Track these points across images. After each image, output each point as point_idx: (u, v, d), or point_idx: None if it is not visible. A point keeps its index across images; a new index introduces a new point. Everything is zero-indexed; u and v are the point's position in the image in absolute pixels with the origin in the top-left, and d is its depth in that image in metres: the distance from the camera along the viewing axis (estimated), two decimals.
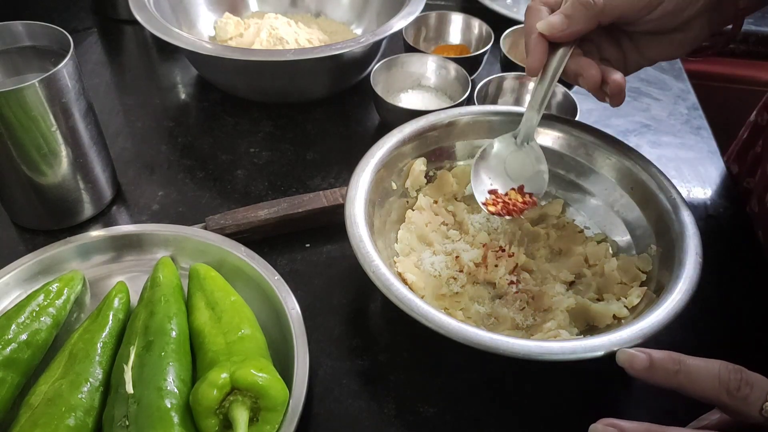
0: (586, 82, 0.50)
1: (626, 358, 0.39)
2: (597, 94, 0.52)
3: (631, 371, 0.39)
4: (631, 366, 0.39)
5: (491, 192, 0.55)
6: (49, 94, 0.51)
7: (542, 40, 0.50)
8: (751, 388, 0.36)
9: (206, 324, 0.47)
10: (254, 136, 0.72)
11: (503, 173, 0.56)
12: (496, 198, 0.55)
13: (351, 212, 0.49)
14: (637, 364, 0.39)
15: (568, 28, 0.48)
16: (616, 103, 0.51)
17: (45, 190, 0.56)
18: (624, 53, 0.53)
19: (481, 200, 0.55)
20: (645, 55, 0.53)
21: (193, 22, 0.83)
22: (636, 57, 0.53)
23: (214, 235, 0.55)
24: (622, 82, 0.50)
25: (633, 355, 0.39)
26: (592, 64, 0.50)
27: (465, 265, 0.54)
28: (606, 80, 0.50)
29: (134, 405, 0.41)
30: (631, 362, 0.39)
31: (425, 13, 0.80)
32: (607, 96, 0.51)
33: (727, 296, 0.57)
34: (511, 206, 0.54)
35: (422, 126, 0.58)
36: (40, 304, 0.48)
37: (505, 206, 0.55)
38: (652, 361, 0.38)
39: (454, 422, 0.47)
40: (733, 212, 0.66)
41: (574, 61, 0.51)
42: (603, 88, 0.51)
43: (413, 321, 0.43)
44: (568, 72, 0.51)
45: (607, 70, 0.50)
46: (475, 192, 0.55)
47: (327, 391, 0.49)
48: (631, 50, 0.53)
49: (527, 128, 0.55)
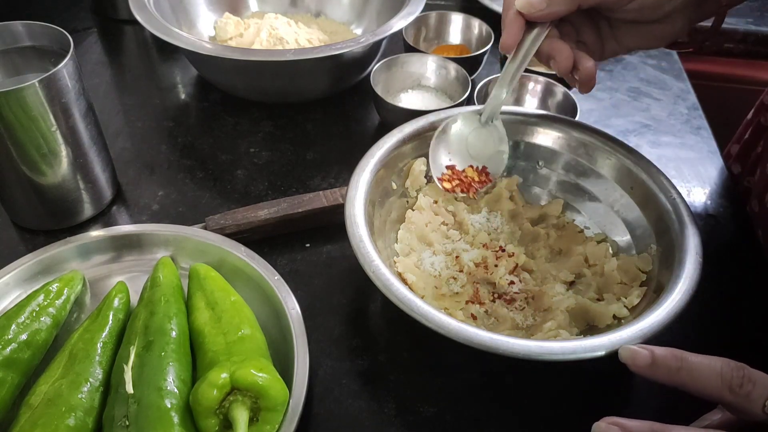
0: (558, 65, 0.50)
1: (629, 354, 0.39)
2: (567, 79, 0.52)
3: (634, 368, 0.39)
4: (634, 362, 0.39)
5: (449, 167, 0.56)
6: (49, 94, 0.51)
7: (519, 18, 0.49)
8: (753, 385, 0.36)
9: (206, 324, 0.47)
10: (254, 136, 0.72)
11: (464, 150, 0.56)
12: (452, 174, 0.55)
13: (351, 212, 0.49)
14: (640, 360, 0.39)
15: (547, 8, 0.48)
16: (584, 90, 0.51)
17: (45, 190, 0.56)
18: (602, 39, 0.53)
19: (437, 175, 0.55)
20: (623, 43, 0.52)
21: (193, 22, 0.83)
22: (613, 44, 0.53)
23: (214, 235, 0.55)
24: (593, 70, 0.50)
25: (635, 351, 0.39)
26: (566, 48, 0.50)
27: (465, 265, 0.54)
28: (577, 66, 0.50)
29: (134, 405, 0.41)
30: (633, 359, 0.39)
31: (425, 13, 0.80)
32: (576, 82, 0.51)
33: (727, 296, 0.57)
34: (467, 183, 0.55)
35: (422, 126, 0.58)
36: (40, 304, 0.48)
37: (461, 184, 0.55)
38: (655, 358, 0.38)
39: (454, 422, 0.47)
40: (733, 212, 0.66)
41: (548, 42, 0.50)
42: (573, 74, 0.51)
43: (413, 321, 0.43)
44: (541, 53, 0.51)
45: (580, 57, 0.50)
46: (432, 166, 0.55)
47: (327, 391, 0.49)
48: (609, 37, 0.53)
49: (493, 105, 0.55)
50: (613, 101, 0.80)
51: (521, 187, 0.61)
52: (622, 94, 0.81)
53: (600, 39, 0.53)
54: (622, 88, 0.83)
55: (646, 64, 0.86)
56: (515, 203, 0.60)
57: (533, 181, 0.61)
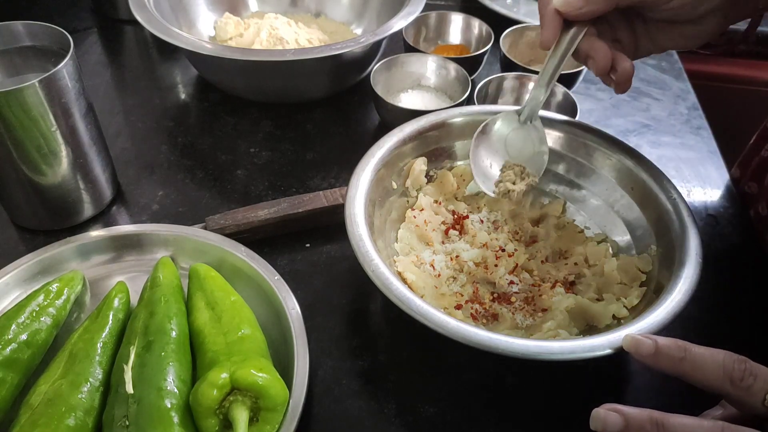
0: (596, 65, 0.50)
1: (632, 343, 0.40)
2: (604, 78, 0.51)
3: (637, 356, 0.39)
4: (637, 351, 0.39)
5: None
6: (49, 94, 0.51)
7: (557, 16, 0.48)
8: (754, 379, 0.36)
9: (206, 324, 0.47)
10: (254, 136, 0.72)
11: (503, 151, 0.56)
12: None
13: (351, 212, 0.49)
14: (643, 349, 0.39)
15: (585, 7, 0.47)
16: (621, 90, 0.51)
17: (45, 190, 0.56)
18: (636, 38, 0.52)
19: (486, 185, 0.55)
20: (657, 42, 0.52)
21: (193, 22, 0.83)
22: (647, 43, 0.52)
23: (214, 235, 0.55)
24: (631, 71, 0.49)
25: (639, 340, 0.39)
26: (604, 47, 0.49)
27: (465, 265, 0.54)
28: (615, 66, 0.50)
29: (134, 405, 0.41)
30: (636, 347, 0.39)
31: (425, 13, 0.80)
32: (613, 82, 0.51)
33: (727, 296, 0.57)
34: None
35: (422, 126, 0.58)
36: (40, 304, 0.48)
37: None
38: (658, 348, 0.38)
39: (454, 422, 0.47)
40: (733, 212, 0.66)
41: (587, 41, 0.49)
42: (610, 74, 0.50)
43: (413, 321, 0.43)
44: (579, 52, 0.50)
45: (618, 57, 0.50)
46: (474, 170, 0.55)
47: (327, 391, 0.49)
48: (643, 36, 0.52)
49: (532, 105, 0.54)
50: (613, 101, 0.80)
51: None
52: (622, 94, 0.81)
53: (635, 38, 0.52)
54: None
55: (646, 64, 0.86)
56: (515, 203, 0.60)
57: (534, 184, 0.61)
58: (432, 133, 0.58)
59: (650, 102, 0.80)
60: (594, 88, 0.82)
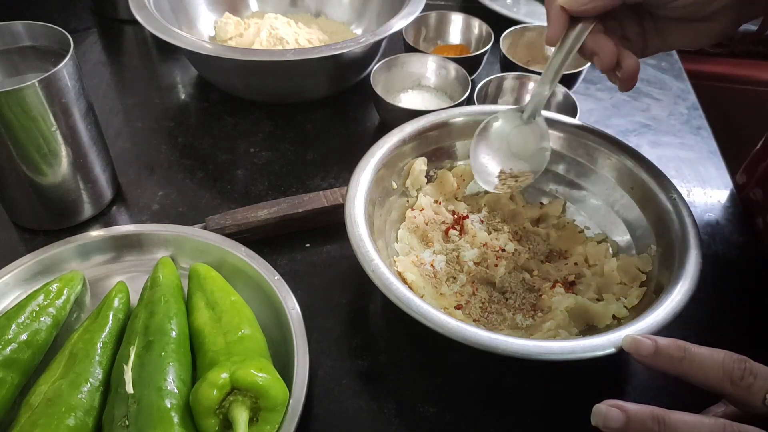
0: (601, 62, 0.49)
1: (632, 343, 0.40)
2: (609, 75, 0.51)
3: (637, 357, 0.39)
4: (637, 351, 0.39)
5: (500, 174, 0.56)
6: (49, 94, 0.51)
7: (563, 13, 0.48)
8: (754, 378, 0.36)
9: (206, 324, 0.47)
10: (254, 136, 0.72)
11: (505, 148, 0.56)
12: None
13: (351, 212, 0.49)
14: (643, 349, 0.39)
15: (590, 3, 0.47)
16: (625, 88, 0.50)
17: (45, 190, 0.56)
18: (645, 35, 0.52)
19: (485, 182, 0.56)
20: (667, 40, 0.51)
21: (193, 22, 0.83)
22: (657, 41, 0.52)
23: (214, 235, 0.55)
24: (636, 69, 0.49)
25: (639, 341, 0.39)
26: (610, 44, 0.49)
27: (465, 265, 0.54)
28: (620, 64, 0.49)
29: (134, 405, 0.41)
30: (636, 348, 0.39)
31: (425, 13, 0.80)
32: (618, 79, 0.50)
33: (727, 296, 0.57)
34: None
35: (422, 126, 0.58)
36: (40, 304, 0.48)
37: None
38: (658, 348, 0.38)
39: (454, 422, 0.47)
40: (733, 212, 0.66)
41: (593, 38, 0.49)
42: (616, 71, 0.50)
43: (413, 321, 0.43)
44: (585, 49, 0.50)
45: (624, 54, 0.49)
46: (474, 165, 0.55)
47: (327, 391, 0.49)
48: (652, 33, 0.51)
49: (537, 101, 0.54)
50: (613, 101, 0.80)
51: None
52: (622, 94, 0.81)
53: (643, 35, 0.52)
54: None
55: (646, 64, 0.86)
56: (515, 203, 0.60)
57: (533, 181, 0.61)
58: (432, 133, 0.58)
59: (650, 102, 0.80)
60: (594, 88, 0.82)
